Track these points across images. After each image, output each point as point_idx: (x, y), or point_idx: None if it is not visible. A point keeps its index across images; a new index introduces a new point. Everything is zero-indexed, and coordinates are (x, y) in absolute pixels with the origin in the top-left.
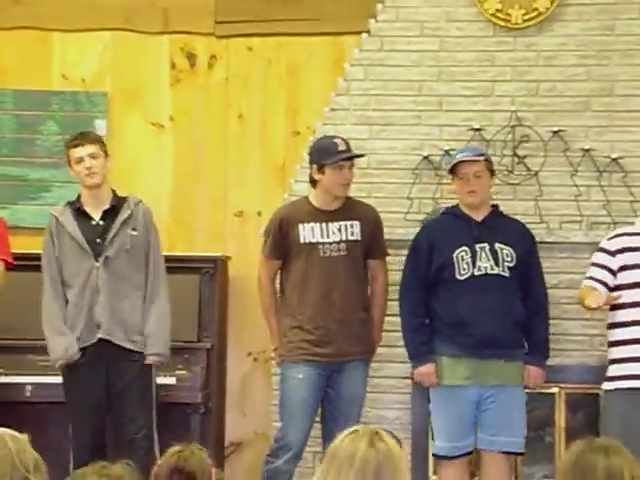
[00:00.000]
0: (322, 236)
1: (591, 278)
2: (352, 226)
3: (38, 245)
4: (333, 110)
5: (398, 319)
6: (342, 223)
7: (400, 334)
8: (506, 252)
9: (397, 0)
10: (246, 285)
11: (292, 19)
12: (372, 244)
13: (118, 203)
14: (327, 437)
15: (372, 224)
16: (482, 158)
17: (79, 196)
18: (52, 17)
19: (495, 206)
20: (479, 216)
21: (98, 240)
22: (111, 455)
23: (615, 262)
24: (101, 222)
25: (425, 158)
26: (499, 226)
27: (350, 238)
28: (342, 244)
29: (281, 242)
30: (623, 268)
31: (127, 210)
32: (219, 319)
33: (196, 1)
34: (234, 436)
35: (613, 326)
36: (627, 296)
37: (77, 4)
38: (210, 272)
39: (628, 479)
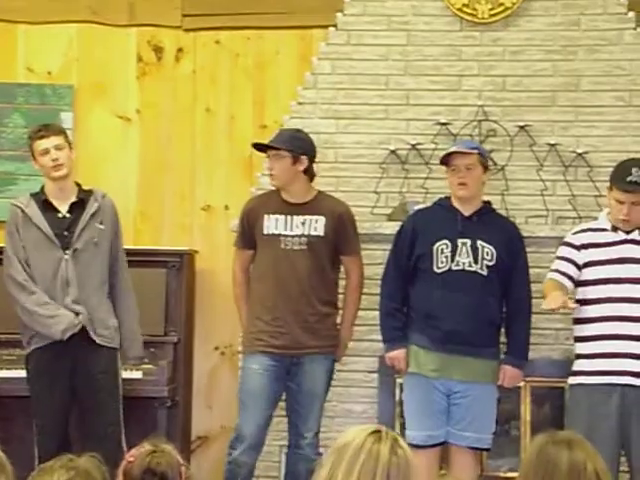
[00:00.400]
0: (285, 229)
1: (556, 271)
2: (316, 221)
3: (2, 239)
4: (300, 104)
5: (364, 313)
6: (307, 217)
7: (367, 328)
8: (487, 250)
9: None
10: (213, 279)
11: (260, 13)
12: (340, 240)
13: (85, 196)
14: (292, 431)
15: (339, 220)
16: (475, 151)
17: (42, 188)
18: (17, 9)
19: (487, 202)
20: (468, 211)
21: (65, 233)
22: (77, 449)
23: (580, 257)
24: (68, 215)
25: (392, 152)
26: (486, 223)
27: (312, 233)
28: (303, 238)
29: (248, 232)
30: (587, 264)
31: (95, 203)
32: (186, 313)
33: None
34: (201, 430)
35: (579, 321)
36: (592, 292)
37: None
38: (177, 266)
39: (591, 472)
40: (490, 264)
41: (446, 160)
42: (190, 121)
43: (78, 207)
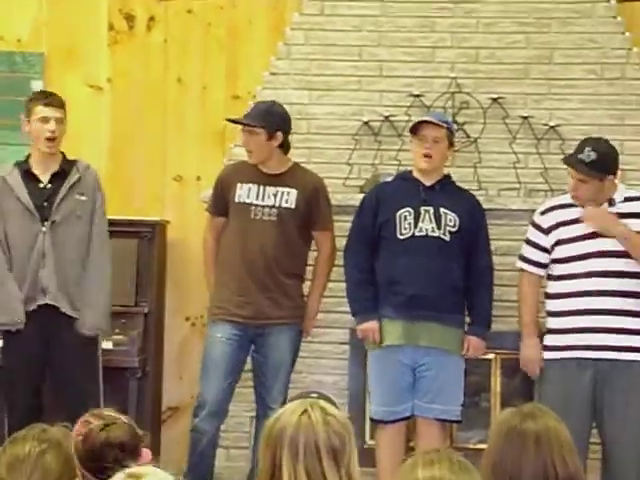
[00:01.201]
0: (257, 198)
1: (525, 259)
2: (288, 194)
3: None
4: (273, 74)
5: (335, 285)
6: (279, 189)
7: (337, 300)
8: (450, 217)
9: None
10: (185, 250)
11: None
12: (311, 214)
13: (67, 166)
14: (258, 402)
15: (311, 194)
16: (445, 125)
17: (28, 156)
18: None
19: (448, 175)
20: (429, 181)
21: (45, 204)
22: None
23: (548, 240)
24: (49, 185)
25: (365, 124)
26: (447, 193)
27: (283, 205)
28: (273, 209)
29: (221, 200)
30: (558, 243)
31: (76, 174)
32: (157, 284)
33: None
34: (172, 400)
35: (550, 297)
36: (564, 269)
37: None
38: (148, 236)
39: (555, 442)
40: (453, 230)
41: (415, 130)
42: (162, 91)
43: (59, 177)
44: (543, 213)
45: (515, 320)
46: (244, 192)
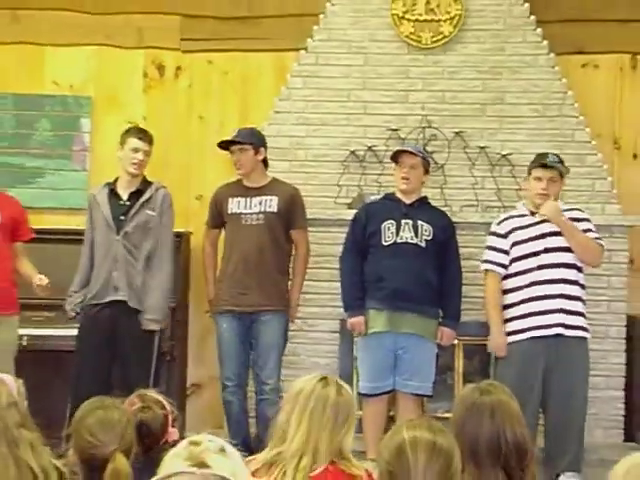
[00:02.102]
0: (245, 207)
1: (491, 262)
2: (271, 200)
3: (34, 221)
4: (277, 112)
5: (330, 284)
6: (263, 198)
7: (330, 297)
8: (425, 228)
9: (329, 23)
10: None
11: (244, 38)
12: (290, 217)
13: (144, 187)
14: (255, 380)
15: (289, 199)
16: (420, 155)
17: (116, 179)
18: (45, 34)
19: (425, 197)
20: (409, 200)
21: (122, 217)
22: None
23: (507, 242)
24: (127, 202)
25: (352, 153)
26: (424, 210)
27: (268, 210)
28: (260, 215)
29: (216, 214)
30: (514, 244)
31: (148, 193)
32: (182, 283)
33: (165, 21)
34: (194, 379)
35: (507, 292)
36: (521, 265)
37: (65, 23)
38: (176, 244)
39: (506, 414)
40: (428, 238)
41: (395, 157)
42: (187, 126)
43: (136, 195)
44: (499, 223)
45: (475, 312)
46: (234, 205)
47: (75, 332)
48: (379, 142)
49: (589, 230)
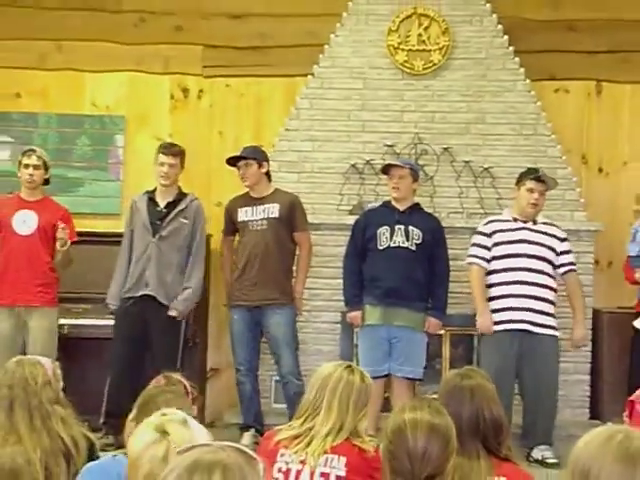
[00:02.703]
0: (252, 215)
1: (475, 256)
2: (273, 207)
3: (77, 225)
4: (287, 130)
5: (333, 281)
6: (266, 206)
7: (332, 292)
8: (416, 233)
9: (333, 52)
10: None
11: (258, 65)
12: (291, 221)
13: (180, 197)
14: (276, 366)
15: (289, 206)
16: (407, 167)
17: (155, 188)
18: (85, 61)
19: (417, 203)
20: (402, 207)
21: (158, 222)
22: (141, 375)
23: (490, 241)
24: (164, 209)
25: (352, 166)
26: (415, 215)
27: (270, 216)
28: (264, 221)
29: (229, 223)
30: (496, 244)
31: (183, 204)
32: (204, 280)
33: (189, 51)
34: (213, 363)
35: (489, 286)
36: (499, 264)
37: (102, 52)
38: None
39: (484, 395)
40: (418, 242)
41: (386, 171)
42: (207, 141)
43: (172, 204)
44: (486, 224)
45: (460, 306)
46: (243, 214)
47: (108, 322)
48: (376, 156)
49: (570, 252)
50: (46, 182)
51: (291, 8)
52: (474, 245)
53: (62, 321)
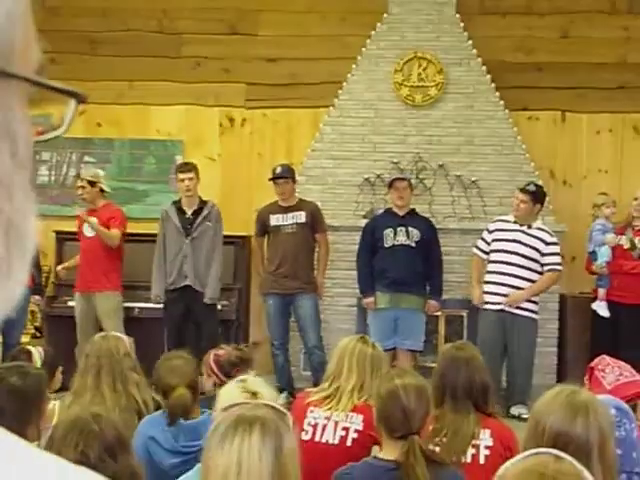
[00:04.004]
0: (283, 221)
1: (477, 247)
2: (300, 215)
3: (144, 228)
4: (313, 151)
5: (350, 272)
6: (294, 213)
7: (350, 281)
8: (415, 232)
9: (350, 88)
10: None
11: (289, 98)
12: (314, 225)
13: (202, 205)
14: (304, 343)
15: (312, 213)
16: (407, 180)
17: (180, 199)
18: (152, 98)
19: (413, 209)
20: (402, 213)
21: (188, 226)
22: (192, 350)
23: (490, 236)
24: (191, 216)
25: (365, 179)
26: (413, 219)
27: (298, 222)
28: (294, 225)
29: (261, 226)
30: (495, 240)
31: (207, 210)
32: (246, 271)
33: (235, 88)
34: (254, 337)
35: (487, 272)
36: (494, 256)
37: (165, 89)
38: (241, 244)
39: (476, 364)
40: (417, 240)
41: (391, 184)
42: (248, 160)
43: (197, 211)
44: (492, 222)
45: (453, 292)
46: (275, 219)
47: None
48: (385, 171)
49: (554, 254)
50: (102, 191)
51: (316, 53)
52: (480, 239)
53: (134, 304)
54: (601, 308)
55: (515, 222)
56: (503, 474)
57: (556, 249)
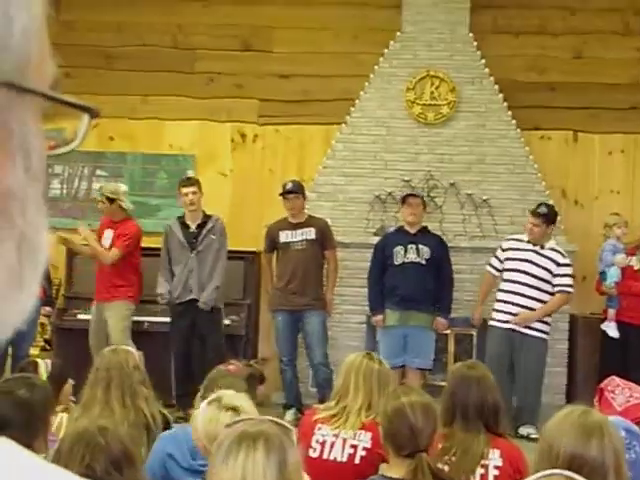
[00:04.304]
0: (292, 237)
1: (490, 265)
2: (310, 231)
3: (156, 242)
4: (325, 167)
5: (360, 290)
6: (304, 229)
7: (360, 299)
8: (425, 250)
9: (362, 105)
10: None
11: (302, 115)
12: (323, 241)
13: (206, 219)
14: (309, 360)
15: (321, 229)
16: (420, 197)
17: (184, 214)
18: (165, 112)
19: (425, 226)
20: (413, 230)
21: (193, 240)
22: (198, 362)
23: (503, 255)
24: (195, 230)
25: (377, 197)
26: (424, 236)
27: (308, 238)
28: (303, 242)
29: (270, 243)
30: (507, 258)
31: (211, 224)
32: (255, 287)
33: (247, 104)
34: (263, 354)
35: (498, 291)
36: (506, 275)
37: (178, 104)
38: (250, 259)
39: (487, 383)
40: (427, 257)
41: (404, 199)
42: (260, 176)
43: (202, 226)
44: (506, 240)
45: (463, 310)
46: (284, 236)
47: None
48: (396, 189)
49: (565, 275)
50: (120, 207)
51: (329, 70)
52: (493, 256)
53: (143, 318)
54: (610, 329)
55: (528, 242)
56: None
57: (568, 270)
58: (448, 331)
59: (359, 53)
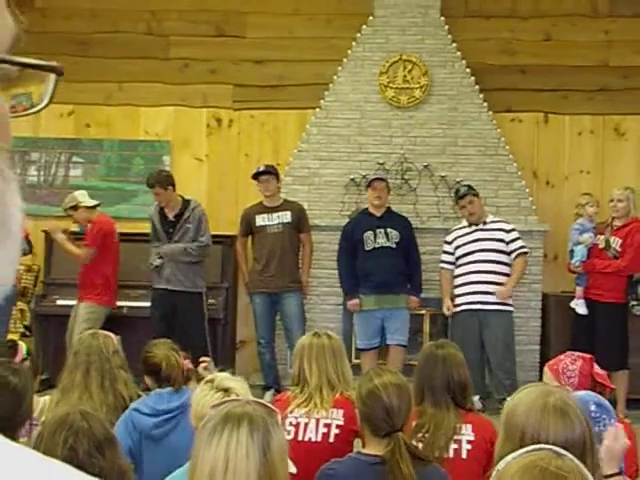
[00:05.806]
0: (268, 221)
1: (443, 261)
2: (285, 214)
3: (132, 228)
4: (299, 151)
5: (334, 271)
6: (280, 213)
7: (334, 281)
8: (394, 233)
9: (336, 89)
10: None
11: (276, 100)
12: (299, 224)
13: (184, 206)
14: (287, 340)
15: (297, 213)
16: (385, 180)
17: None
18: (140, 99)
19: (389, 207)
20: (379, 213)
21: (170, 230)
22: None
23: (451, 246)
24: (173, 219)
25: (352, 180)
26: (391, 219)
27: (284, 221)
28: (279, 225)
29: (246, 226)
30: (457, 247)
31: (188, 212)
32: (233, 271)
33: (222, 89)
34: (241, 337)
35: (455, 278)
36: (461, 261)
37: (153, 91)
38: (228, 244)
39: (453, 362)
40: (396, 241)
41: (370, 183)
42: (236, 161)
43: (179, 215)
44: (448, 234)
45: (437, 291)
46: (260, 219)
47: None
48: (370, 172)
49: (517, 239)
50: (86, 208)
51: (302, 55)
52: (442, 252)
53: (122, 303)
54: (579, 306)
55: (470, 225)
56: (503, 469)
57: (517, 234)
58: (423, 311)
59: (332, 38)
